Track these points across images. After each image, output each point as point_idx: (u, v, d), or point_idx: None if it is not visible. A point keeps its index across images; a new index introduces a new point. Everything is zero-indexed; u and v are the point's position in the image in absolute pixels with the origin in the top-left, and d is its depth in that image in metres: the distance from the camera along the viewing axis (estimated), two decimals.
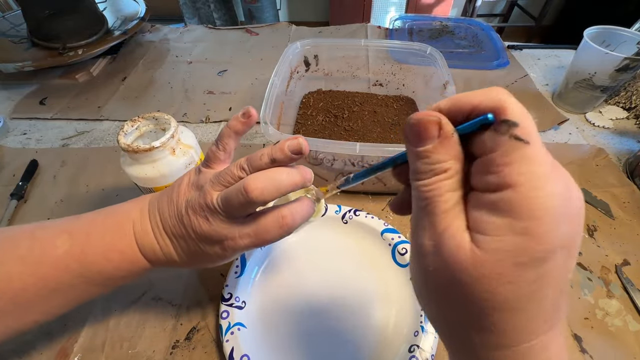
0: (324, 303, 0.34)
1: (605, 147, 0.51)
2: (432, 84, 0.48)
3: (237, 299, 0.33)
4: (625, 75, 0.50)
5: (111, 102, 0.60)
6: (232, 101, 0.60)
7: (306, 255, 0.38)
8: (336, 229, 0.39)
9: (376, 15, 1.95)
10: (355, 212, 0.39)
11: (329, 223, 0.39)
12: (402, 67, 0.55)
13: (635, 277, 0.37)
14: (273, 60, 0.70)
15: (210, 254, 0.24)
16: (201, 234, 0.23)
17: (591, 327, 0.34)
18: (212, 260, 0.24)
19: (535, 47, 0.74)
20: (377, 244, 0.37)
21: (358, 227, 0.39)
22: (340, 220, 0.39)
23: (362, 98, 0.55)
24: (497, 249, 0.12)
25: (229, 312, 0.32)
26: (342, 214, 0.39)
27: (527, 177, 0.11)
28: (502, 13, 2.20)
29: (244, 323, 0.32)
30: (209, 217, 0.22)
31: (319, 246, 0.38)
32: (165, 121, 0.34)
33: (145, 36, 0.78)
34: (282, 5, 2.18)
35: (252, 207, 0.22)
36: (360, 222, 0.39)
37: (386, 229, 0.38)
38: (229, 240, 0.22)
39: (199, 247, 0.24)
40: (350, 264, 0.37)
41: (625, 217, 0.43)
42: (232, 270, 0.34)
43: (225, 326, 0.31)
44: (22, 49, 0.63)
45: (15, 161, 0.49)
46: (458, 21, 0.79)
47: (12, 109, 0.59)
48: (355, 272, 0.36)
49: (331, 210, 0.39)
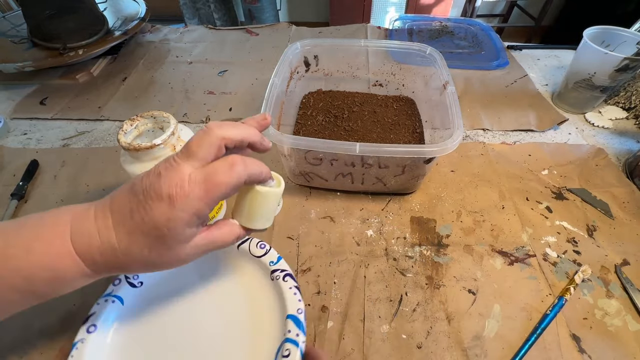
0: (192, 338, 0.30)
1: (605, 147, 0.51)
2: (431, 84, 0.48)
3: None
4: (625, 75, 0.50)
5: (111, 102, 0.60)
6: (232, 101, 0.60)
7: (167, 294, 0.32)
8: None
9: (376, 15, 1.96)
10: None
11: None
12: (402, 67, 0.55)
13: (635, 277, 0.37)
14: (273, 61, 0.71)
15: (156, 220, 0.20)
16: (148, 185, 0.20)
17: (590, 327, 0.34)
18: (159, 232, 0.20)
19: (535, 47, 0.74)
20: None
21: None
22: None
23: (362, 98, 0.55)
24: None
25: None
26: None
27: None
28: (502, 13, 2.20)
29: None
30: (161, 169, 0.21)
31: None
32: (164, 119, 0.34)
33: (146, 36, 0.78)
34: (282, 6, 2.18)
35: (210, 140, 0.21)
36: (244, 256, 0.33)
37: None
38: (178, 187, 0.20)
39: (144, 210, 0.20)
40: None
41: (625, 217, 0.43)
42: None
43: None
44: (23, 49, 0.64)
45: (15, 161, 0.49)
46: (458, 21, 0.80)
47: (12, 109, 0.59)
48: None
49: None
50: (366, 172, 0.40)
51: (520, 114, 0.57)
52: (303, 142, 0.36)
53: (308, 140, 0.36)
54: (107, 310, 0.30)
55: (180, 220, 0.20)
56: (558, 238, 0.41)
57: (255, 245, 0.34)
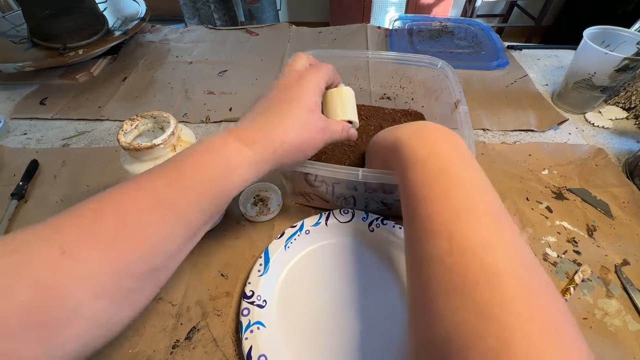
0: (347, 312, 0.33)
1: (605, 147, 0.52)
2: (442, 99, 0.46)
3: (259, 297, 0.33)
4: (625, 75, 0.50)
5: (111, 102, 0.60)
6: (232, 101, 0.60)
7: (331, 260, 0.37)
8: (362, 236, 0.38)
9: (376, 15, 1.96)
10: (383, 220, 0.38)
11: (356, 229, 0.39)
12: (412, 80, 0.51)
13: (635, 277, 0.37)
14: (273, 61, 0.71)
15: (295, 93, 0.27)
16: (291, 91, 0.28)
17: (590, 327, 0.34)
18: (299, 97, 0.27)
19: (535, 47, 0.74)
20: (403, 256, 0.35)
21: (384, 236, 0.38)
22: (367, 227, 0.38)
23: (369, 111, 0.52)
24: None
25: (249, 309, 0.32)
26: (369, 222, 0.38)
27: None
28: (502, 13, 2.20)
29: (264, 323, 0.32)
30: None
31: (345, 252, 0.38)
32: (164, 119, 0.34)
33: (146, 36, 0.78)
34: (282, 6, 2.18)
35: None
36: (387, 231, 0.38)
37: None
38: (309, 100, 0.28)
39: (285, 90, 0.28)
40: (375, 274, 0.36)
41: (625, 217, 0.43)
42: (254, 268, 0.35)
43: (245, 324, 0.31)
44: (23, 49, 0.64)
45: (15, 161, 0.49)
46: (458, 21, 0.80)
47: (12, 109, 0.59)
48: (379, 284, 0.35)
49: (358, 217, 0.39)
50: (369, 196, 0.38)
51: (520, 114, 0.57)
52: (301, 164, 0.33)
53: (307, 162, 0.33)
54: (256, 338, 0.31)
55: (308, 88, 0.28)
56: (558, 238, 0.41)
57: (340, 212, 0.39)
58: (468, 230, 0.19)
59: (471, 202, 0.21)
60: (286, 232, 0.37)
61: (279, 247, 0.36)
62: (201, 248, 0.39)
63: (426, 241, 0.21)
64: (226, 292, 0.36)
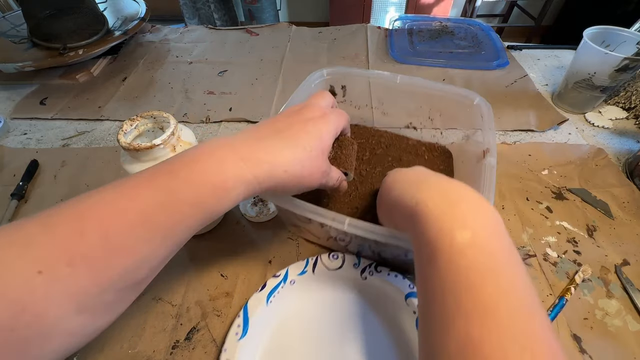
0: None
1: (605, 147, 0.51)
2: (472, 140, 0.40)
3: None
4: (625, 75, 0.50)
5: (111, 102, 0.60)
6: (232, 101, 0.60)
7: (321, 319, 0.33)
8: (354, 285, 0.35)
9: (376, 15, 1.96)
10: (377, 267, 0.34)
11: (346, 278, 0.35)
12: (443, 112, 0.44)
13: (635, 277, 0.37)
14: (273, 61, 0.71)
15: (316, 130, 0.26)
16: (300, 118, 0.27)
17: (590, 327, 0.34)
18: (298, 134, 0.26)
19: (535, 47, 0.74)
20: (400, 309, 0.32)
21: (378, 286, 0.34)
22: (359, 275, 0.34)
23: (390, 140, 0.46)
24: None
25: None
26: (361, 269, 0.34)
27: None
28: (502, 13, 2.20)
29: None
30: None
31: (335, 308, 0.34)
32: (164, 119, 0.34)
33: (146, 36, 0.78)
34: (282, 6, 2.18)
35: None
36: (381, 280, 0.34)
37: (412, 293, 0.32)
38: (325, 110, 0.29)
39: (293, 121, 0.27)
40: (369, 329, 0.32)
41: (625, 217, 0.43)
42: (232, 330, 0.30)
43: None
44: (23, 49, 0.64)
45: (15, 161, 0.49)
46: (458, 21, 0.80)
47: (12, 109, 0.59)
48: (374, 341, 0.32)
49: (349, 262, 0.35)
50: (363, 243, 0.34)
51: (520, 113, 0.57)
52: (282, 199, 0.30)
53: (289, 199, 0.30)
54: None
55: (314, 141, 0.26)
56: (558, 238, 0.41)
57: (328, 257, 0.36)
58: None
59: (527, 330, 0.16)
60: (268, 284, 0.33)
61: (260, 304, 0.32)
62: (201, 249, 0.39)
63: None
64: (226, 292, 0.36)
